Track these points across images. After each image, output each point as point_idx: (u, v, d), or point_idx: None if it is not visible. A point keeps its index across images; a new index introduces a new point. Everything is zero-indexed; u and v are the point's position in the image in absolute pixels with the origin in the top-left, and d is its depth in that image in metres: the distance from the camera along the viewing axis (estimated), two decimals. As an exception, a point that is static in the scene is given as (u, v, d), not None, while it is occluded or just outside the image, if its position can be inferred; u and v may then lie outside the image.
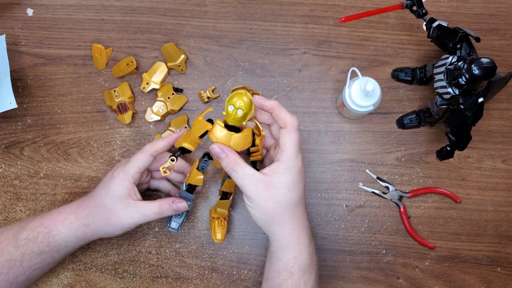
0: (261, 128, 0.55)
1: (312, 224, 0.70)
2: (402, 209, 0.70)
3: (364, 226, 0.70)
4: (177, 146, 0.57)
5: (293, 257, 0.55)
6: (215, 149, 0.53)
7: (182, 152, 0.57)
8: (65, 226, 0.60)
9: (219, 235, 0.64)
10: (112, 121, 0.73)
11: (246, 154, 0.59)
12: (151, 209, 0.59)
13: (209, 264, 0.70)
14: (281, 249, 0.55)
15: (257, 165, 0.60)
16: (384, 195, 0.70)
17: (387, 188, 0.71)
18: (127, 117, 0.70)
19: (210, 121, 0.54)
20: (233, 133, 0.53)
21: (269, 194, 0.52)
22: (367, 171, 0.71)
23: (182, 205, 0.60)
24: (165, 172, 0.56)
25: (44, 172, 0.72)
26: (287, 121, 0.53)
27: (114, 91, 0.71)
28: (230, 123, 0.53)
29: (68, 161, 0.72)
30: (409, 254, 0.70)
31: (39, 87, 0.73)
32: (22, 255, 0.58)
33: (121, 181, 0.59)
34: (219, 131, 0.53)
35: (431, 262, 0.70)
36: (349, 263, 0.70)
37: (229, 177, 0.60)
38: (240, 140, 0.53)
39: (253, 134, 0.55)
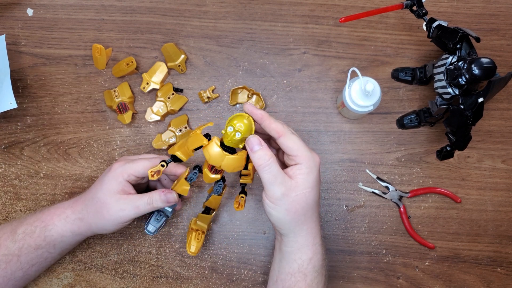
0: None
1: (312, 224, 0.70)
2: (402, 209, 0.70)
3: (364, 226, 0.70)
4: (170, 153, 0.57)
5: (309, 258, 0.54)
6: (251, 139, 0.52)
7: (174, 160, 0.56)
8: (61, 220, 0.60)
9: (193, 248, 0.63)
10: (112, 121, 0.73)
11: (237, 175, 0.58)
12: (142, 200, 0.58)
13: (209, 264, 0.70)
14: (298, 250, 0.55)
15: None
16: (384, 195, 0.70)
17: (387, 188, 0.71)
18: (127, 117, 0.70)
19: (208, 136, 0.54)
20: (227, 153, 0.52)
21: (295, 195, 0.52)
22: (367, 171, 0.71)
23: (171, 196, 0.59)
24: (152, 175, 0.55)
25: (44, 172, 0.72)
26: (279, 129, 0.52)
27: (114, 91, 0.71)
28: (226, 144, 0.53)
29: (68, 161, 0.72)
30: (409, 254, 0.70)
31: (39, 87, 0.73)
32: (19, 250, 0.59)
33: (117, 176, 0.59)
34: (214, 149, 0.52)
35: (431, 262, 0.70)
36: (349, 263, 0.70)
37: (215, 193, 0.60)
38: (232, 162, 0.52)
39: (247, 158, 0.54)
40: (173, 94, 0.72)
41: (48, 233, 0.59)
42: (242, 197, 0.58)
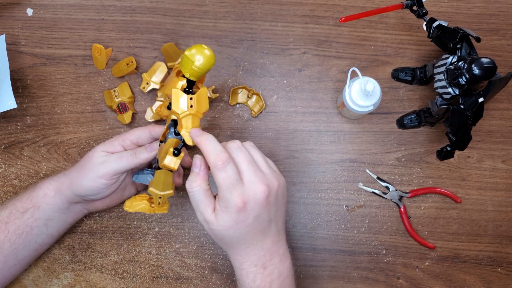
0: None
1: (312, 224, 0.70)
2: (402, 209, 0.70)
3: (364, 226, 0.70)
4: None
5: (247, 282, 0.53)
6: (196, 160, 0.52)
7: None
8: (49, 179, 0.61)
9: (128, 202, 0.60)
10: (112, 121, 0.73)
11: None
12: (127, 152, 0.59)
13: (209, 264, 0.70)
14: (235, 268, 0.55)
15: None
16: (384, 195, 0.70)
17: (387, 188, 0.71)
18: (127, 117, 0.70)
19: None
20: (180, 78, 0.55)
21: (210, 228, 0.52)
22: (367, 171, 0.71)
23: (154, 145, 0.59)
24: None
25: (44, 172, 0.72)
26: (208, 162, 0.50)
27: (114, 91, 0.71)
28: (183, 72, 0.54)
29: (68, 161, 0.72)
30: (409, 254, 0.70)
31: (39, 87, 0.73)
32: (8, 216, 0.59)
33: (112, 140, 0.61)
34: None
35: (431, 262, 0.70)
36: (349, 263, 0.70)
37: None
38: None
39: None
40: (173, 94, 0.72)
41: (34, 193, 0.60)
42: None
